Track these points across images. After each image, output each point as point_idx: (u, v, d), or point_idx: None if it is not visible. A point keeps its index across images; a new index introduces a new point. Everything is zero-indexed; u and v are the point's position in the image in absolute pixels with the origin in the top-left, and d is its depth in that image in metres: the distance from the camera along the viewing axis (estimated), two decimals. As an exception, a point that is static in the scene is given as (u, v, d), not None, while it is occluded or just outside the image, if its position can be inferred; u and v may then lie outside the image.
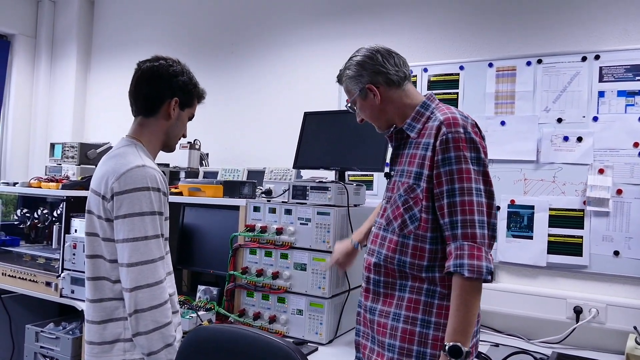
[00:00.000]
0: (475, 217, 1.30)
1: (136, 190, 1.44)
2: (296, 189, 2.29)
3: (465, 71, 2.61)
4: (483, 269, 1.27)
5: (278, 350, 1.11)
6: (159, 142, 1.66)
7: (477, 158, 1.35)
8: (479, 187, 1.33)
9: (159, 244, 1.47)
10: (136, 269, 1.41)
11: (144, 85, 1.61)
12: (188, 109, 1.68)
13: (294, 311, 2.20)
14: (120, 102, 3.93)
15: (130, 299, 1.41)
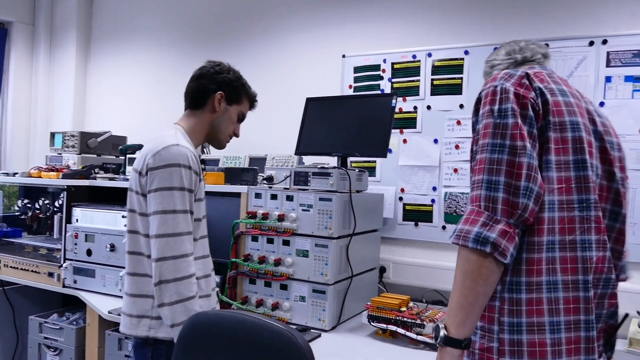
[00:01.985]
0: (484, 177, 1.09)
1: (168, 166, 1.52)
2: (298, 175, 2.27)
3: (470, 56, 2.57)
4: (470, 235, 1.06)
5: (278, 334, 1.10)
6: (203, 132, 1.75)
7: (502, 110, 1.12)
8: (497, 142, 1.10)
9: (187, 219, 1.53)
10: (163, 240, 1.48)
11: (192, 83, 1.76)
12: (236, 105, 1.78)
13: (296, 298, 2.19)
14: (121, 90, 3.91)
15: (155, 269, 1.48)
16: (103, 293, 2.65)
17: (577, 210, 1.12)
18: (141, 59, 3.84)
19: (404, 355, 1.91)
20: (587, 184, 1.13)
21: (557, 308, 1.10)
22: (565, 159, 1.13)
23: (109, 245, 2.65)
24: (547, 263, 1.11)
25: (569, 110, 1.16)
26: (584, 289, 1.11)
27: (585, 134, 1.16)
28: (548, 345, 1.09)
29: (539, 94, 1.15)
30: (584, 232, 1.12)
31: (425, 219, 2.67)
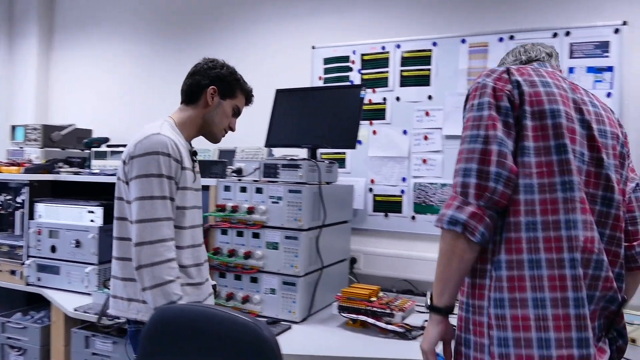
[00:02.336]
0: (461, 166, 1.19)
1: (147, 154, 1.56)
2: (267, 167, 2.25)
3: (438, 47, 2.59)
4: (445, 217, 1.16)
5: (244, 327, 1.09)
6: (196, 126, 1.77)
7: (480, 103, 1.20)
8: (474, 132, 1.19)
9: (166, 205, 1.57)
10: (141, 225, 1.53)
11: (186, 81, 1.78)
12: (230, 99, 1.78)
13: (267, 290, 2.18)
14: (86, 82, 3.81)
15: (135, 254, 1.53)
16: (69, 290, 2.59)
17: (559, 191, 1.16)
18: (107, 49, 3.74)
19: (374, 344, 1.92)
20: (569, 167, 1.17)
21: (540, 285, 1.14)
22: (545, 144, 1.18)
23: (74, 241, 2.58)
24: (528, 242, 1.16)
25: (549, 99, 1.20)
26: (571, 267, 1.14)
27: (565, 121, 1.20)
28: (531, 319, 1.13)
29: (516, 85, 1.21)
30: (568, 212, 1.16)
31: (395, 210, 2.69)
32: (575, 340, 1.12)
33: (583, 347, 1.12)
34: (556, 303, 1.13)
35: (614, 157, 1.29)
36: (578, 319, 1.13)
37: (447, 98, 2.56)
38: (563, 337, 1.12)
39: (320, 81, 2.88)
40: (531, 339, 1.12)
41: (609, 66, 2.25)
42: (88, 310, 2.29)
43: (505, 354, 1.14)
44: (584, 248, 1.16)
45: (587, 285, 1.16)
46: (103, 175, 2.70)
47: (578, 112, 1.25)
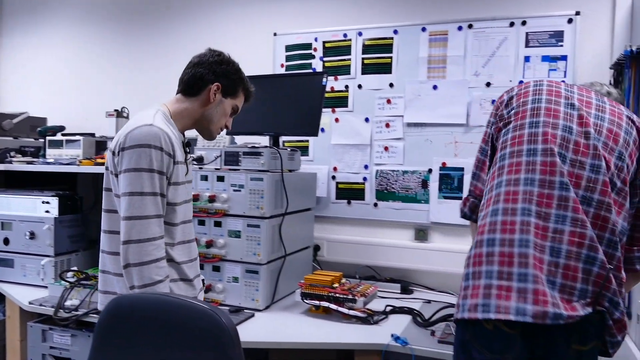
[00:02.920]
0: (472, 171, 1.55)
1: (138, 146, 1.48)
2: (228, 155, 2.23)
3: (399, 35, 2.61)
4: (460, 212, 1.57)
5: (202, 314, 1.08)
6: (192, 120, 1.68)
7: (487, 121, 1.55)
8: (480, 145, 1.55)
9: (156, 201, 1.49)
10: (130, 222, 1.46)
11: (190, 69, 1.67)
12: (231, 98, 1.70)
13: (229, 279, 2.17)
14: (39, 69, 3.67)
15: (122, 252, 1.47)
16: (23, 283, 2.52)
17: (524, 156, 1.38)
18: (58, 35, 3.61)
19: (336, 329, 1.95)
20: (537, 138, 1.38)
21: (494, 228, 1.34)
22: (519, 149, 1.39)
23: (28, 233, 2.50)
24: (497, 196, 1.38)
25: (533, 113, 1.42)
26: (522, 214, 1.31)
27: (546, 129, 1.38)
28: (484, 255, 1.33)
29: (506, 104, 1.49)
30: (528, 172, 1.35)
31: (357, 197, 2.71)
32: (515, 275, 1.26)
33: (522, 282, 1.25)
34: (504, 243, 1.30)
35: (607, 137, 1.38)
36: (520, 257, 1.27)
37: (407, 86, 2.58)
38: (505, 270, 1.28)
39: (282, 68, 2.86)
40: (482, 272, 1.31)
41: (563, 55, 2.32)
42: (44, 303, 2.23)
43: (465, 286, 1.35)
44: (539, 202, 1.31)
45: (550, 238, 1.29)
46: (58, 165, 2.62)
47: (569, 120, 1.39)
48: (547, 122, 1.38)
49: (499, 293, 1.27)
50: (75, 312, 2.12)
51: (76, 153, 2.70)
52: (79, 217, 2.63)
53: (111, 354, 1.17)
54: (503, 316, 1.24)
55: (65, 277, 2.30)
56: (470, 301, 1.31)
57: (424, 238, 2.59)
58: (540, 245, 1.28)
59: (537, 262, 1.26)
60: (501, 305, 1.25)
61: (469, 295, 1.32)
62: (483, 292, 1.29)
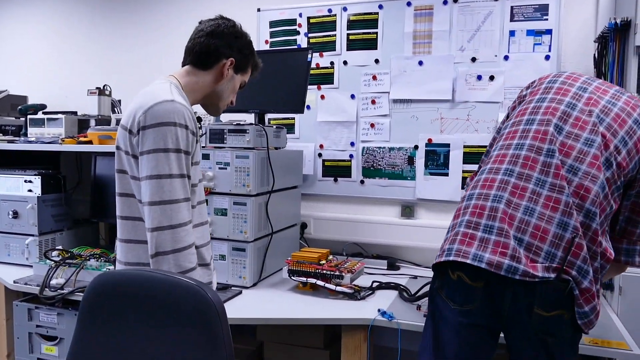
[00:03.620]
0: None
1: (162, 124, 1.35)
2: (214, 132, 2.21)
3: (384, 10, 2.58)
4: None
5: (187, 289, 1.08)
6: (202, 94, 1.57)
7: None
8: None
9: (185, 184, 1.39)
10: (158, 208, 1.34)
11: (203, 39, 1.53)
12: (242, 74, 1.61)
13: (216, 257, 2.18)
14: (18, 47, 3.58)
15: (151, 240, 1.35)
16: (7, 263, 2.51)
17: (521, 124, 1.47)
18: (39, 12, 3.52)
19: (324, 305, 1.96)
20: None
21: (476, 184, 1.46)
22: (519, 119, 1.48)
23: (11, 212, 2.48)
24: (489, 160, 1.49)
25: (544, 91, 1.49)
26: (504, 174, 1.41)
27: (550, 103, 1.45)
28: (462, 208, 1.45)
29: (527, 86, 1.59)
30: (521, 138, 1.43)
31: (344, 174, 2.71)
32: (482, 225, 1.35)
33: (487, 232, 1.34)
34: (480, 197, 1.40)
35: (614, 120, 1.39)
36: (491, 210, 1.36)
37: (393, 62, 2.57)
38: (474, 220, 1.38)
39: (267, 45, 2.83)
40: (456, 223, 1.43)
41: (548, 29, 2.31)
42: (29, 282, 2.22)
43: (446, 238, 1.44)
44: (523, 164, 1.39)
45: (527, 198, 1.35)
46: (40, 144, 2.58)
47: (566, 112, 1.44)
48: (553, 98, 1.45)
49: (462, 239, 1.37)
50: (61, 291, 2.12)
51: (58, 132, 2.66)
52: (62, 196, 2.60)
53: (97, 331, 1.17)
54: (460, 259, 1.33)
55: (50, 256, 2.29)
56: (441, 249, 1.43)
57: (411, 214, 2.61)
58: (515, 203, 1.35)
59: (506, 218, 1.34)
60: (461, 249, 1.35)
61: (442, 244, 1.44)
62: (451, 239, 1.41)
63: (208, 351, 1.07)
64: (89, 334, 1.17)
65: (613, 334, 1.70)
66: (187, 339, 1.09)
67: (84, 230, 2.75)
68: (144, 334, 1.12)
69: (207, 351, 1.07)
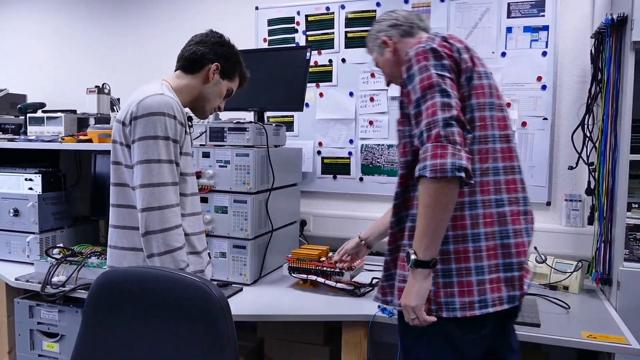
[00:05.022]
0: (440, 116, 1.24)
1: (152, 114, 1.47)
2: (214, 131, 2.22)
3: (381, 7, 2.59)
4: (447, 166, 1.19)
5: (191, 286, 1.09)
6: (190, 97, 1.67)
7: (435, 64, 1.30)
8: (441, 88, 1.28)
9: (172, 169, 1.50)
10: (148, 190, 1.45)
11: (191, 47, 1.68)
12: (228, 80, 1.71)
13: (217, 254, 2.19)
14: (17, 46, 3.59)
15: (142, 220, 1.46)
16: (9, 260, 2.53)
17: (490, 143, 1.35)
18: (38, 10, 3.52)
19: (324, 302, 1.98)
20: (495, 122, 1.37)
21: (477, 222, 1.32)
22: (483, 101, 1.35)
23: (12, 210, 2.49)
24: (470, 187, 1.32)
25: (480, 62, 1.39)
26: (497, 206, 1.34)
27: (492, 81, 1.40)
28: (470, 252, 1.31)
29: (460, 51, 1.36)
30: (494, 160, 1.35)
31: (343, 172, 2.73)
32: (501, 265, 1.32)
33: (507, 271, 1.32)
34: (488, 236, 1.32)
35: (499, 97, 1.43)
36: (502, 247, 1.33)
37: (392, 59, 2.58)
38: (493, 263, 1.32)
39: (265, 43, 2.84)
40: (470, 268, 1.31)
41: (545, 25, 2.33)
42: (31, 279, 2.23)
43: (449, 282, 1.31)
44: (508, 189, 1.36)
45: (523, 220, 1.37)
46: (40, 142, 2.59)
47: (482, 66, 1.41)
48: (493, 103, 1.39)
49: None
50: (63, 288, 2.13)
51: (58, 130, 2.67)
52: (62, 194, 2.62)
53: (102, 328, 1.18)
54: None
55: (51, 253, 2.30)
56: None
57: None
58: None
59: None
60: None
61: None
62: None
63: (213, 347, 1.08)
64: (95, 330, 1.18)
65: (612, 329, 1.72)
66: (192, 335, 1.10)
67: (84, 228, 2.76)
68: (150, 330, 1.13)
69: (212, 347, 1.09)
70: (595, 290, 2.15)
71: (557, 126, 2.36)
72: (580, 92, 2.32)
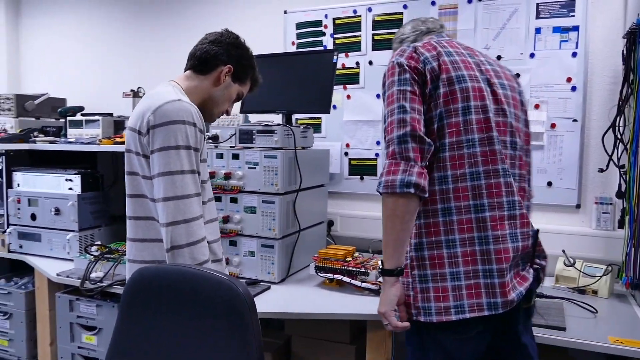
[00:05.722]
0: (395, 134, 1.32)
1: (172, 123, 1.40)
2: (242, 133, 2.28)
3: (408, 10, 2.61)
4: (396, 182, 1.28)
5: (219, 283, 1.14)
6: (200, 99, 1.61)
7: (401, 80, 1.36)
8: (400, 105, 1.34)
9: (195, 179, 1.44)
10: (172, 203, 1.39)
11: (204, 46, 1.62)
12: (239, 84, 1.67)
13: (246, 253, 2.25)
14: (58, 50, 3.75)
15: (167, 234, 1.39)
16: (51, 257, 2.64)
17: (465, 148, 1.36)
18: (77, 16, 3.67)
19: (349, 301, 2.01)
20: (472, 126, 1.36)
21: (451, 229, 1.35)
22: (454, 107, 1.36)
23: (53, 209, 2.61)
24: (441, 193, 1.35)
25: (454, 67, 1.39)
26: (475, 212, 1.34)
27: (471, 83, 1.38)
28: (445, 257, 1.35)
29: (425, 62, 1.38)
30: (471, 165, 1.35)
31: (370, 173, 2.75)
32: (480, 272, 1.33)
33: (487, 278, 1.33)
34: (464, 242, 1.34)
35: (515, 107, 1.48)
36: (482, 254, 1.33)
37: (419, 61, 2.59)
38: (470, 269, 1.33)
39: (294, 47, 2.89)
40: (445, 274, 1.35)
41: (575, 26, 2.30)
42: (71, 275, 2.34)
43: (425, 287, 1.36)
44: (489, 194, 1.35)
45: (508, 225, 1.36)
46: (79, 144, 2.71)
47: (480, 72, 1.43)
48: (477, 106, 1.40)
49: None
50: (100, 284, 2.23)
51: (96, 132, 2.79)
52: (100, 194, 2.73)
53: (136, 322, 1.25)
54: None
55: (89, 250, 2.41)
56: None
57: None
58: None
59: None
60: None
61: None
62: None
63: (239, 341, 1.13)
64: (129, 324, 1.25)
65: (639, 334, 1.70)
66: (219, 330, 1.15)
67: (120, 226, 2.87)
68: (179, 325, 1.19)
69: (238, 341, 1.14)
70: (626, 295, 2.11)
71: (587, 128, 2.33)
72: (611, 93, 2.28)
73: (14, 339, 2.70)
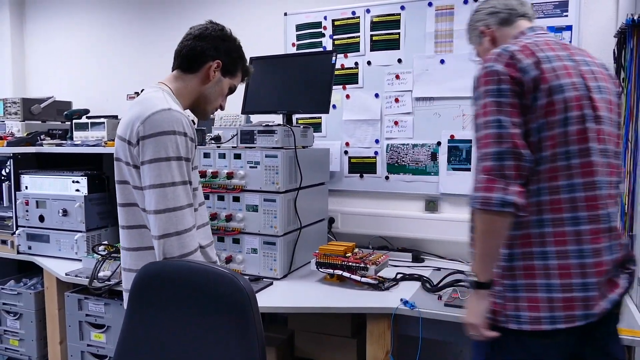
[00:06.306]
0: (492, 149, 1.27)
1: (162, 134, 1.37)
2: (244, 133, 2.34)
3: (406, 11, 2.66)
4: (493, 200, 1.25)
5: (222, 277, 1.20)
6: (191, 99, 1.58)
7: (496, 90, 1.30)
8: (496, 118, 1.28)
9: (187, 190, 1.41)
10: (164, 215, 1.36)
11: (190, 42, 1.57)
12: (230, 77, 1.62)
13: (248, 250, 2.31)
14: (63, 54, 3.81)
15: (159, 247, 1.37)
16: (59, 257, 2.70)
17: (562, 160, 1.31)
18: (81, 20, 3.73)
19: (350, 295, 2.07)
20: (569, 138, 1.31)
21: (545, 240, 1.32)
22: (553, 119, 1.30)
23: (61, 211, 2.68)
24: (536, 205, 1.32)
25: (554, 75, 1.31)
26: (572, 224, 1.32)
27: (571, 93, 1.32)
28: (536, 269, 1.32)
29: (525, 71, 1.30)
30: (568, 177, 1.31)
31: (369, 171, 2.81)
32: (575, 285, 1.30)
33: (583, 291, 1.30)
34: (559, 255, 1.31)
35: (610, 110, 1.40)
36: (578, 267, 1.31)
37: (416, 61, 2.64)
38: (565, 282, 1.30)
39: (294, 48, 2.94)
40: (536, 284, 1.32)
41: (568, 25, 2.35)
42: (79, 274, 2.40)
43: (516, 297, 1.33)
44: (587, 207, 1.32)
45: (604, 238, 1.33)
46: (85, 146, 2.77)
47: (578, 76, 1.36)
48: (579, 115, 1.34)
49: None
50: (108, 282, 2.29)
51: (101, 135, 2.85)
52: (106, 195, 2.79)
53: (142, 318, 1.31)
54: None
55: (97, 250, 2.48)
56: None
57: (434, 209, 2.68)
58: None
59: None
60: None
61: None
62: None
63: (241, 334, 1.19)
64: (136, 320, 1.31)
65: (632, 324, 1.73)
66: (223, 324, 1.21)
67: (126, 226, 2.93)
68: (184, 319, 1.25)
69: (240, 333, 1.19)
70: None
71: (581, 124, 2.37)
72: (604, 90, 2.32)
73: (24, 339, 2.76)
